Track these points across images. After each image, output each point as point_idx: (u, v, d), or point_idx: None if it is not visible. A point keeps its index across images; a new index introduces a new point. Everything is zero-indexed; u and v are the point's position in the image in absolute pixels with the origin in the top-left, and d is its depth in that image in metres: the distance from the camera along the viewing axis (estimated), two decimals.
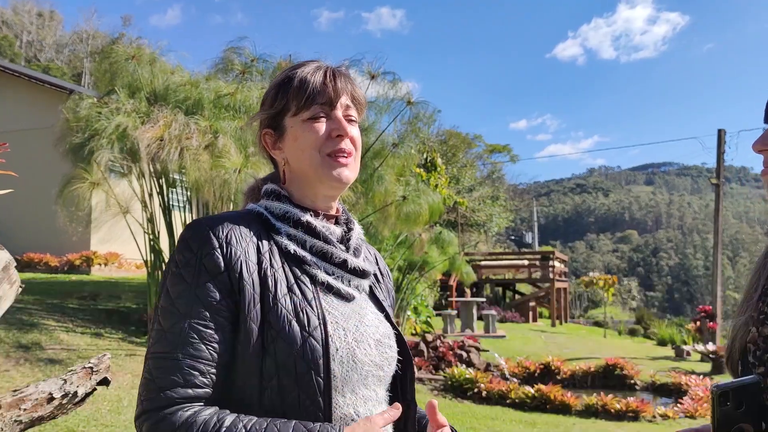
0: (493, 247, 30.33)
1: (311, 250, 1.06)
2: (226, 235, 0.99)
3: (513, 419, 7.31)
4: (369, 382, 1.04)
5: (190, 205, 8.62)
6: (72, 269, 12.86)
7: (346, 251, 1.10)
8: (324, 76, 1.08)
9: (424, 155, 16.62)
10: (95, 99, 7.84)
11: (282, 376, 0.94)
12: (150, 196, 8.16)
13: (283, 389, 0.94)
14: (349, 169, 1.09)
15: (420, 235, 10.23)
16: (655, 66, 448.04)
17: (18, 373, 5.93)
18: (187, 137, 6.80)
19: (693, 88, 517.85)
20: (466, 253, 18.63)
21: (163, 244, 8.24)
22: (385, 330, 1.10)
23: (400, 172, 8.86)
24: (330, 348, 0.97)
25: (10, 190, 1.98)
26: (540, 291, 21.59)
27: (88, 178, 7.17)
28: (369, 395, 1.04)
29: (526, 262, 22.56)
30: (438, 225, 13.23)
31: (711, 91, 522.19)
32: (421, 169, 15.04)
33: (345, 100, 1.10)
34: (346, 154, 1.08)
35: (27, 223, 12.93)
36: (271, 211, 1.08)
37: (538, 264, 21.91)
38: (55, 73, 35.57)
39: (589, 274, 20.98)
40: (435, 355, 9.77)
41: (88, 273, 12.82)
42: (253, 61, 8.35)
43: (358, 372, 1.02)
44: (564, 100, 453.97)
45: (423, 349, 9.73)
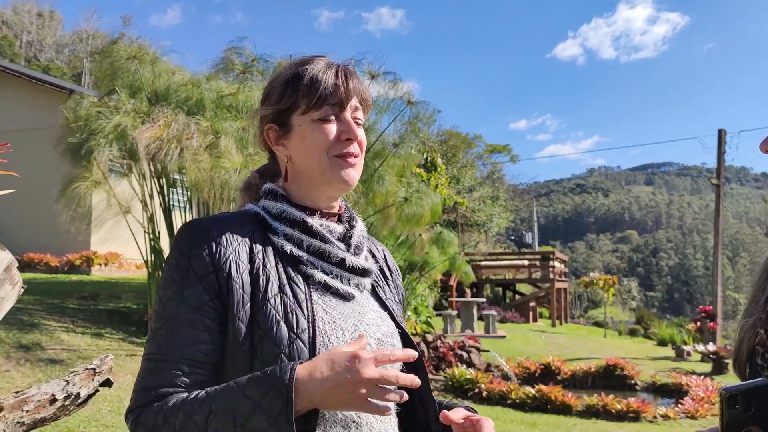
0: (493, 247, 30.33)
1: (308, 249, 1.05)
2: (217, 235, 0.99)
3: (514, 420, 7.30)
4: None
5: (190, 205, 8.61)
6: (72, 269, 12.86)
7: (347, 249, 1.09)
8: (336, 76, 1.06)
9: (425, 155, 16.62)
10: (95, 98, 7.83)
11: None
12: (150, 196, 8.15)
13: None
14: (355, 171, 1.08)
15: (420, 235, 10.22)
16: (655, 66, 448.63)
17: (19, 374, 5.93)
18: (187, 137, 6.79)
19: (693, 88, 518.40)
20: (467, 254, 18.63)
21: (164, 244, 8.24)
22: (387, 329, 1.09)
23: (400, 172, 8.85)
24: (317, 350, 0.95)
25: (12, 190, 1.97)
26: (540, 291, 21.58)
27: (89, 177, 7.16)
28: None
29: (526, 263, 22.56)
30: (438, 225, 13.22)
31: (711, 92, 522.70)
32: (422, 170, 15.04)
33: (354, 102, 1.09)
34: (354, 157, 1.08)
35: (27, 223, 12.92)
36: (268, 211, 1.07)
37: (538, 264, 21.91)
38: (55, 73, 35.55)
39: (589, 275, 20.97)
40: (435, 356, 9.77)
41: (89, 273, 12.82)
42: (254, 61, 8.34)
43: None
44: (564, 100, 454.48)
45: (423, 350, 9.72)
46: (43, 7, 51.49)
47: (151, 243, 8.07)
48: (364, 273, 1.10)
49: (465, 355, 9.88)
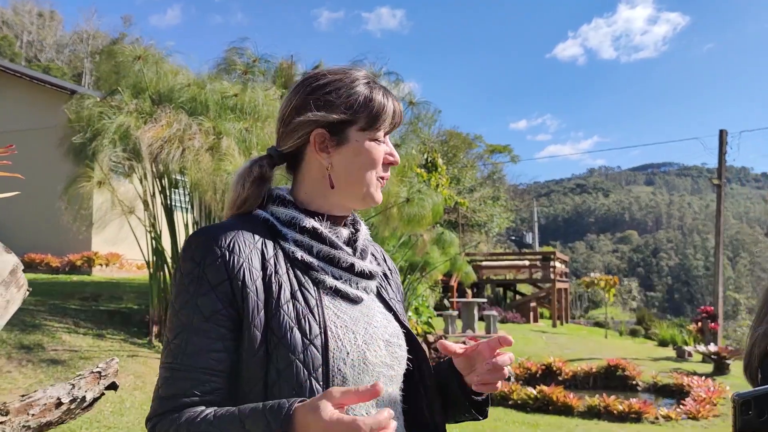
0: (494, 247, 30.31)
1: (318, 255, 1.06)
2: (229, 243, 0.99)
3: (516, 420, 7.30)
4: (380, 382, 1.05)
5: (192, 206, 8.60)
6: (73, 270, 12.84)
7: (353, 253, 1.11)
8: (394, 105, 1.12)
9: (425, 155, 16.61)
10: (98, 99, 7.83)
11: (283, 383, 0.95)
12: (152, 196, 8.15)
13: (285, 395, 0.94)
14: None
15: (422, 236, 10.22)
16: (656, 66, 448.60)
17: (20, 375, 5.92)
18: (189, 137, 6.78)
19: (693, 88, 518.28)
20: (467, 254, 18.62)
21: (165, 244, 8.23)
22: (393, 330, 1.11)
23: (401, 172, 8.85)
24: (330, 354, 0.97)
25: (17, 192, 1.97)
26: (541, 291, 21.57)
27: (93, 177, 7.16)
28: (380, 396, 1.03)
29: (526, 263, 22.55)
30: (439, 225, 13.21)
31: (711, 92, 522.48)
32: (422, 170, 15.02)
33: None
34: (385, 180, 1.14)
35: (28, 224, 12.91)
36: (276, 217, 1.08)
37: (539, 264, 21.90)
38: (56, 73, 35.55)
39: (590, 275, 20.96)
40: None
41: (89, 274, 12.79)
42: (255, 61, 8.35)
43: (370, 374, 1.02)
44: (564, 101, 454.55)
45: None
46: (43, 7, 51.50)
47: (153, 244, 8.07)
48: (371, 276, 1.12)
49: None
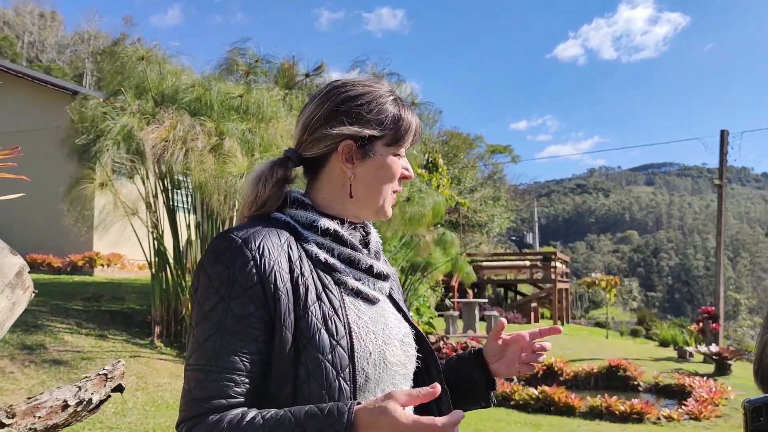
0: (495, 247, 30.29)
1: (339, 257, 1.09)
2: (259, 246, 1.01)
3: (518, 421, 7.30)
4: (396, 380, 1.09)
5: (194, 206, 8.61)
6: (75, 270, 12.84)
7: (368, 255, 1.15)
8: (417, 123, 1.16)
9: (426, 156, 16.63)
10: (101, 99, 7.83)
11: (312, 383, 0.97)
12: (155, 197, 8.15)
13: (314, 395, 0.97)
14: None
15: (424, 236, 10.22)
16: (656, 66, 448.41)
17: (23, 375, 5.93)
18: (192, 138, 6.79)
19: (694, 88, 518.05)
20: (468, 254, 18.62)
21: (167, 245, 8.24)
22: (405, 329, 1.15)
23: None
24: (356, 354, 1.01)
25: (22, 194, 1.97)
26: (541, 291, 21.54)
27: (95, 179, 7.16)
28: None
29: (527, 263, 22.53)
30: (440, 226, 13.22)
31: (712, 92, 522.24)
32: (423, 170, 15.04)
33: None
34: (396, 193, 1.18)
35: (29, 224, 12.91)
36: (297, 220, 1.10)
37: (540, 265, 21.88)
38: (57, 73, 35.56)
39: (590, 275, 20.95)
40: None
41: (91, 274, 12.80)
42: (257, 61, 8.34)
43: (388, 372, 1.06)
44: (564, 101, 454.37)
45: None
46: (44, 8, 51.51)
47: (155, 244, 8.07)
48: (386, 278, 1.16)
49: None
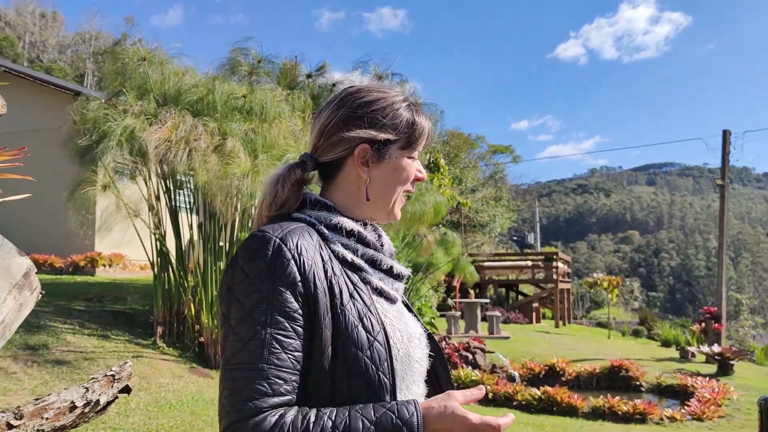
0: (496, 247, 30.28)
1: (362, 257, 1.12)
2: (297, 244, 1.03)
3: (520, 421, 7.29)
4: (416, 377, 1.12)
5: (196, 207, 8.60)
6: (76, 270, 12.84)
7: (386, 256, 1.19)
8: (430, 127, 1.19)
9: (428, 156, 16.60)
10: (103, 100, 7.83)
11: (352, 379, 0.99)
12: (157, 198, 8.15)
13: (354, 391, 0.99)
14: None
15: (426, 237, 10.22)
16: (657, 66, 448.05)
17: (26, 375, 5.92)
18: (195, 138, 6.78)
19: (694, 88, 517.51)
20: (470, 254, 18.61)
21: (170, 245, 8.23)
22: (419, 328, 1.18)
23: None
24: (392, 349, 1.04)
25: (28, 194, 1.97)
26: (543, 292, 21.54)
27: (98, 181, 7.16)
28: (417, 390, 1.12)
29: (529, 263, 22.53)
30: (442, 226, 13.21)
31: (713, 92, 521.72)
32: (425, 170, 15.00)
33: None
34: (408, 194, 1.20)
35: (31, 224, 12.92)
36: (320, 221, 1.12)
37: (542, 265, 21.88)
38: (58, 73, 35.60)
39: (592, 275, 20.93)
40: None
41: (93, 274, 12.80)
42: (260, 62, 8.34)
43: (412, 369, 1.09)
44: (565, 101, 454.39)
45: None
46: (45, 8, 51.51)
47: (158, 245, 8.07)
48: (403, 278, 1.19)
49: (470, 356, 9.87)
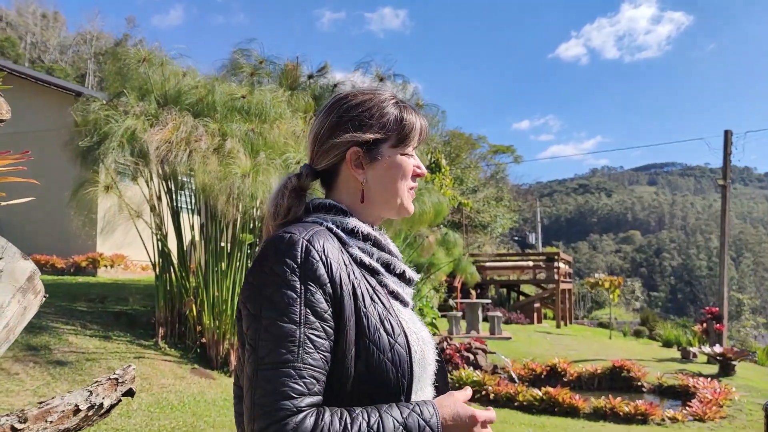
0: (497, 248, 30.25)
1: (378, 261, 1.14)
2: (323, 246, 1.04)
3: (522, 422, 7.29)
4: (428, 379, 1.15)
5: (198, 207, 8.61)
6: (78, 271, 12.85)
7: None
8: (421, 122, 1.21)
9: (429, 156, 16.60)
10: (104, 102, 7.84)
11: (373, 381, 1.01)
12: (159, 198, 8.15)
13: (373, 392, 1.01)
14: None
15: (427, 237, 10.22)
16: (659, 66, 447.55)
17: (28, 376, 5.93)
18: (195, 139, 6.79)
19: (696, 88, 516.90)
20: (471, 255, 18.61)
21: (171, 246, 8.24)
22: (427, 331, 1.20)
23: None
24: (412, 352, 1.06)
25: (31, 198, 1.97)
26: (545, 292, 21.53)
27: (100, 182, 7.16)
28: (429, 391, 1.15)
29: (530, 264, 22.50)
30: (443, 226, 13.21)
31: (715, 92, 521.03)
32: (426, 171, 14.99)
33: None
34: (414, 190, 1.22)
35: (32, 225, 12.93)
36: (337, 225, 1.14)
37: (543, 265, 21.86)
38: (59, 74, 35.63)
39: (594, 275, 20.91)
40: (442, 358, 9.76)
41: (94, 275, 12.80)
42: (262, 63, 8.34)
43: (426, 371, 1.12)
44: (567, 101, 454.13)
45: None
46: (46, 9, 51.56)
47: (159, 246, 8.07)
48: (413, 283, 1.21)
49: (471, 356, 9.86)
